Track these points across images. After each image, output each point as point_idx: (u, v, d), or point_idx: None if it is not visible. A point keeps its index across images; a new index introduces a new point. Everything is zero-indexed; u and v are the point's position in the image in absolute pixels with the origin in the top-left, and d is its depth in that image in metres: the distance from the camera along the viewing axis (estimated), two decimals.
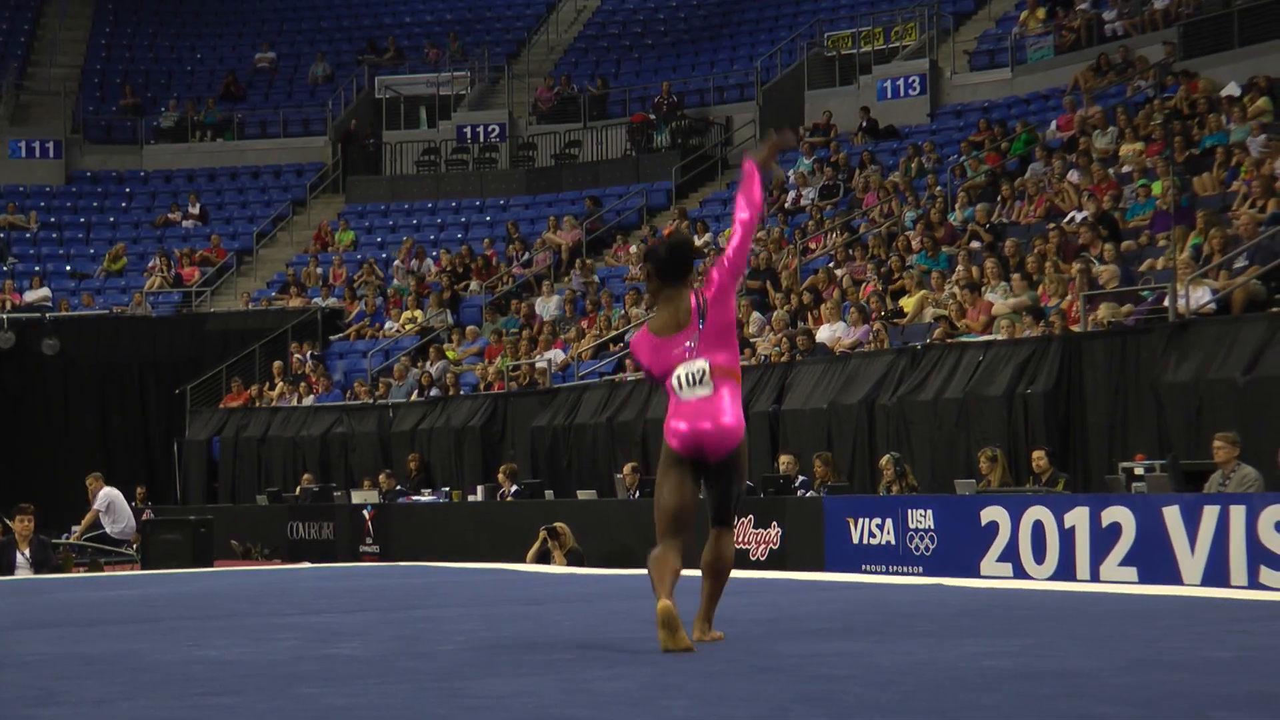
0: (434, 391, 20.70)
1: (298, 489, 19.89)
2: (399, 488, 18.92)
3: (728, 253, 5.41)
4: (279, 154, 29.15)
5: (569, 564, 13.63)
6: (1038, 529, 11.07)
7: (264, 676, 4.59)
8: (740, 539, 13.20)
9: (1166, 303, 13.40)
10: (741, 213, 5.44)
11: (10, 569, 12.77)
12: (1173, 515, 10.25)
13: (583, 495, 16.13)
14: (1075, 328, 14.02)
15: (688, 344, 5.29)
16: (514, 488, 16.87)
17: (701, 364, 5.25)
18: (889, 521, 12.20)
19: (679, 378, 5.28)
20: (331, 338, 24.31)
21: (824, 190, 22.29)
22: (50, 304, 24.88)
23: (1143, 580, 10.03)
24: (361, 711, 3.82)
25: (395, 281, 24.44)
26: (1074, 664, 4.48)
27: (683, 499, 5.29)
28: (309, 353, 23.22)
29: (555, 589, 8.89)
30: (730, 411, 5.25)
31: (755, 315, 18.04)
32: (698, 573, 5.46)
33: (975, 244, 17.39)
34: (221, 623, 6.87)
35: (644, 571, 11.00)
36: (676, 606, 5.11)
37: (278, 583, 10.37)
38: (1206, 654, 4.78)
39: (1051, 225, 16.55)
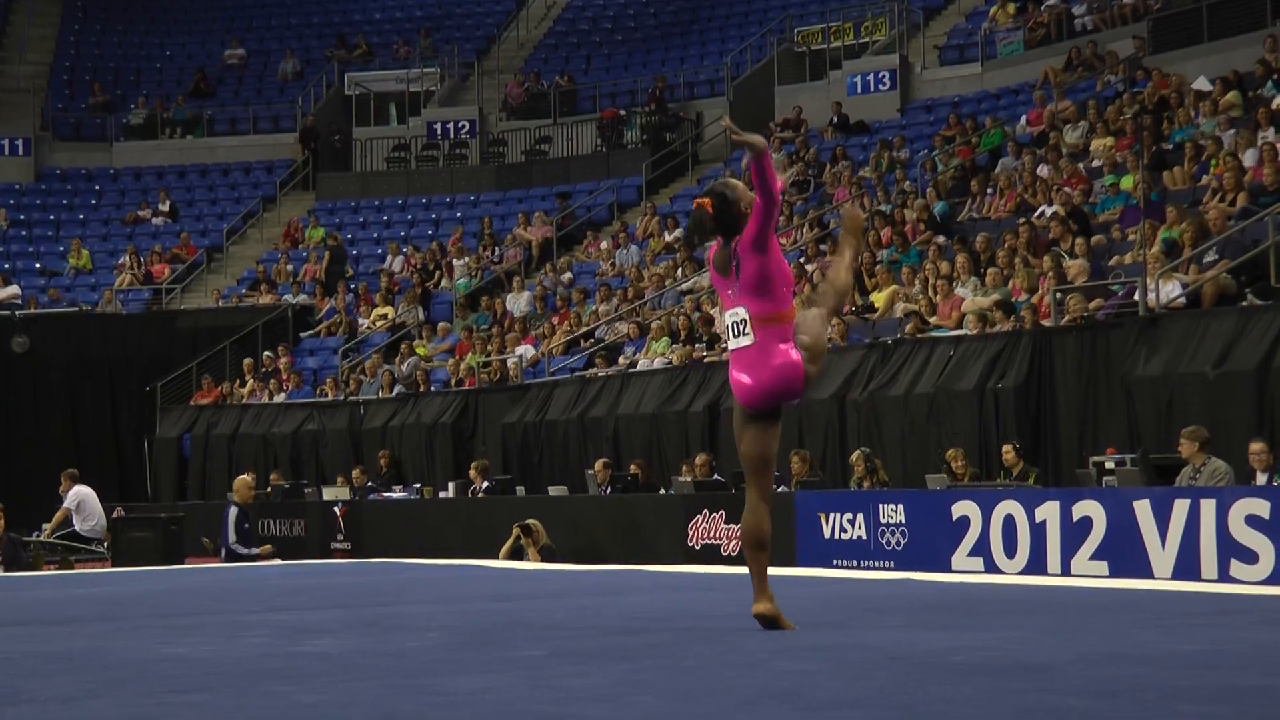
0: (398, 389, 20.61)
1: (268, 486, 19.80)
2: (370, 485, 18.84)
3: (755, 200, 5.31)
4: (249, 151, 28.96)
5: (542, 560, 13.60)
6: (1009, 523, 11.05)
7: (232, 674, 4.57)
8: (711, 534, 13.18)
9: (1137, 297, 13.37)
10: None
11: None
12: (1143, 509, 10.23)
13: (554, 491, 16.10)
14: (1046, 322, 14.01)
15: (730, 291, 5.35)
16: (485, 484, 16.82)
17: (742, 313, 5.31)
18: (860, 516, 12.17)
19: (726, 326, 5.43)
20: (302, 335, 24.21)
21: (795, 185, 22.29)
22: (20, 301, 24.70)
23: (1114, 574, 10.02)
24: (330, 708, 3.80)
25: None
26: (1043, 658, 4.48)
27: (751, 448, 5.47)
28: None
29: (527, 585, 8.86)
30: (768, 364, 5.28)
31: None
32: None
33: (941, 238, 17.44)
34: (191, 620, 6.84)
35: (615, 567, 11.03)
36: (773, 601, 5.41)
37: (247, 580, 10.32)
38: (1176, 647, 4.78)
39: (1022, 220, 16.56)
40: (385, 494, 18.48)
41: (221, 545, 14.74)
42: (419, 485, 18.59)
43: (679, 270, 20.47)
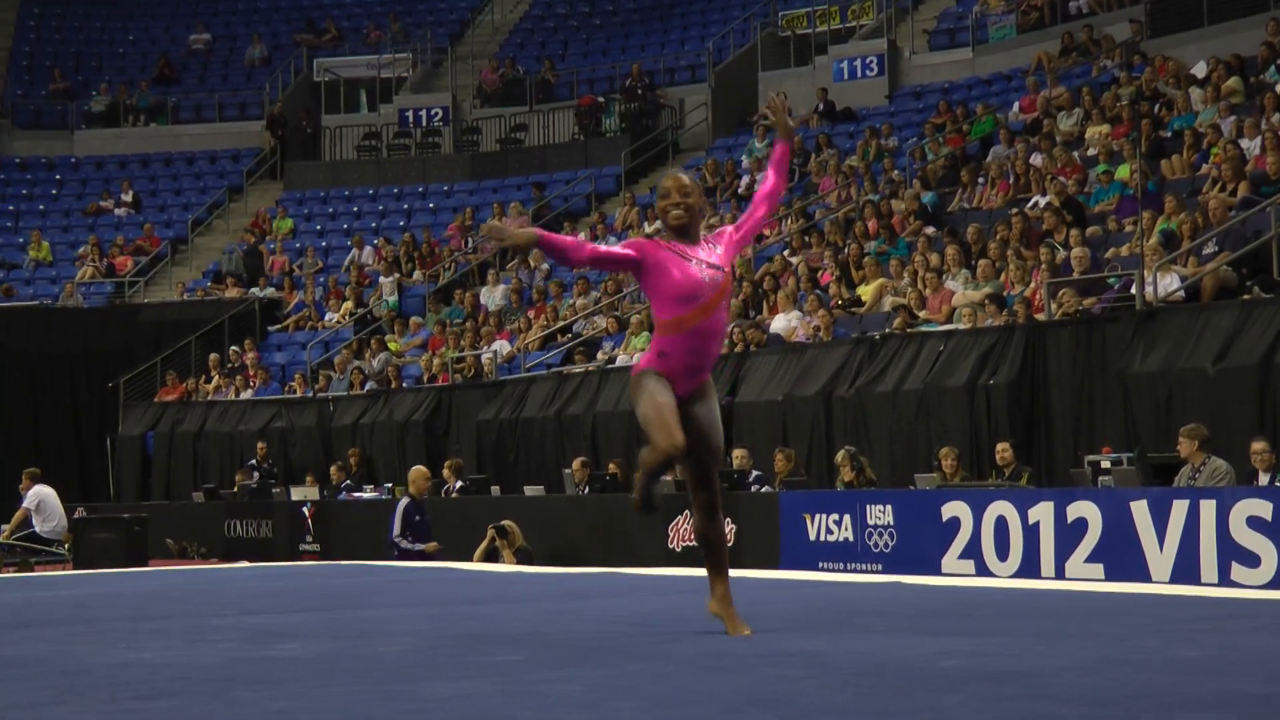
0: (369, 385, 20.24)
1: (234, 485, 19.41)
2: (347, 483, 18.55)
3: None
4: (214, 139, 28.61)
5: (518, 562, 13.47)
6: (1001, 524, 10.86)
7: (199, 679, 4.52)
8: (693, 536, 12.89)
9: (1134, 290, 13.17)
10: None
11: None
12: (1141, 510, 10.05)
13: (530, 491, 15.94)
14: (1039, 316, 13.79)
15: None
16: (459, 484, 16.53)
17: None
18: (847, 517, 11.97)
19: None
20: (270, 329, 23.75)
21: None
22: None
23: (1110, 577, 9.85)
24: (300, 715, 3.76)
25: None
26: (1037, 664, 4.40)
27: None
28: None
29: (502, 588, 8.77)
30: None
31: None
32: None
33: (930, 229, 17.12)
34: (156, 624, 6.78)
35: (593, 570, 10.75)
36: (719, 600, 5.51)
37: (214, 582, 10.38)
38: (1175, 653, 4.66)
39: (1014, 211, 16.33)
40: (355, 494, 18.13)
41: (387, 538, 14.31)
42: (390, 485, 18.26)
43: None
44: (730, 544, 12.59)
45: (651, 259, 5.25)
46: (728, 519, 12.76)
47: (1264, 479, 10.39)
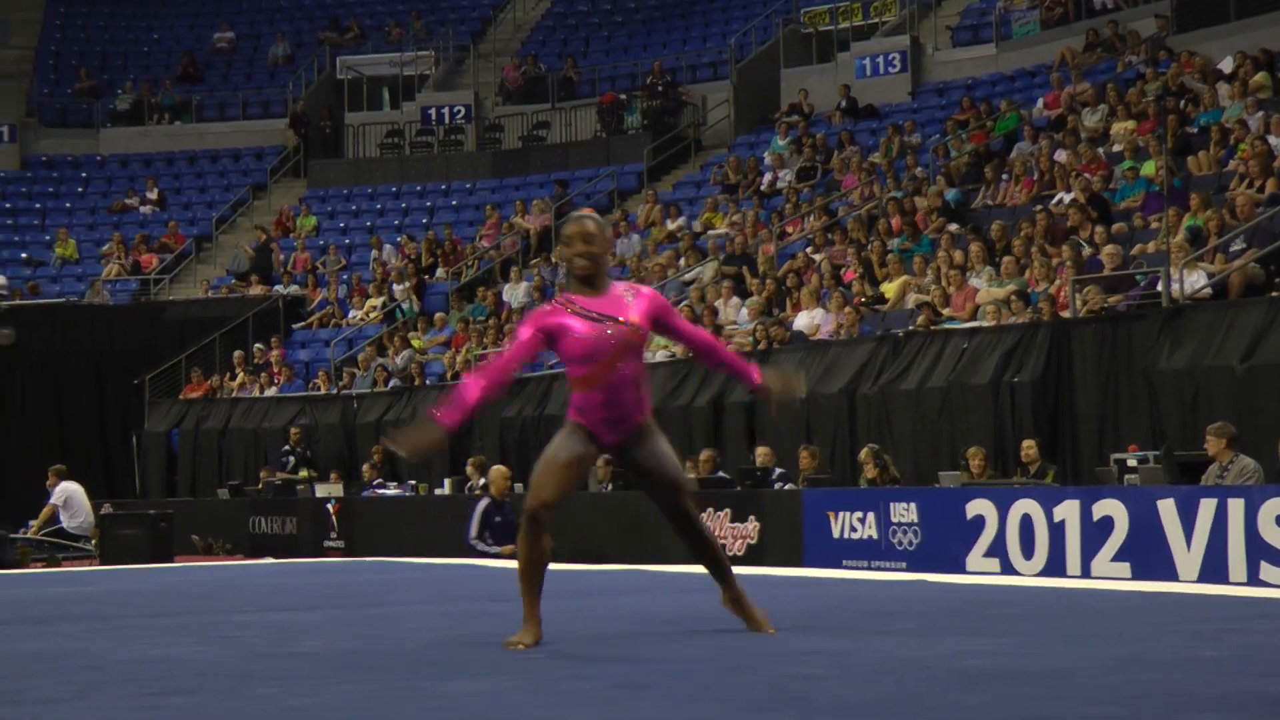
0: (392, 382, 20.20)
1: (259, 482, 19.42)
2: (378, 480, 18.49)
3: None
4: (238, 137, 28.60)
5: None
6: (1026, 523, 10.76)
7: (221, 675, 4.53)
8: (716, 532, 12.91)
9: (1160, 287, 13.04)
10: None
11: None
12: (1168, 509, 9.94)
13: None
14: (1064, 313, 13.65)
15: None
16: (482, 480, 16.42)
17: None
18: (871, 515, 11.89)
19: None
20: (294, 326, 23.77)
21: (801, 172, 21.83)
22: (5, 292, 24.26)
23: (1136, 577, 9.75)
24: (320, 712, 3.75)
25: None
26: (1061, 663, 4.36)
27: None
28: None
29: None
30: None
31: (734, 300, 17.69)
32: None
33: (954, 226, 17.03)
34: (179, 620, 6.79)
35: (616, 567, 10.74)
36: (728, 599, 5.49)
37: (238, 579, 10.37)
38: (1200, 653, 4.61)
39: (1039, 207, 16.19)
40: (380, 491, 18.11)
41: (463, 540, 14.14)
42: (414, 482, 18.27)
43: (681, 260, 20.01)
44: (754, 541, 12.66)
45: (553, 327, 5.13)
46: (752, 516, 12.79)
47: None
